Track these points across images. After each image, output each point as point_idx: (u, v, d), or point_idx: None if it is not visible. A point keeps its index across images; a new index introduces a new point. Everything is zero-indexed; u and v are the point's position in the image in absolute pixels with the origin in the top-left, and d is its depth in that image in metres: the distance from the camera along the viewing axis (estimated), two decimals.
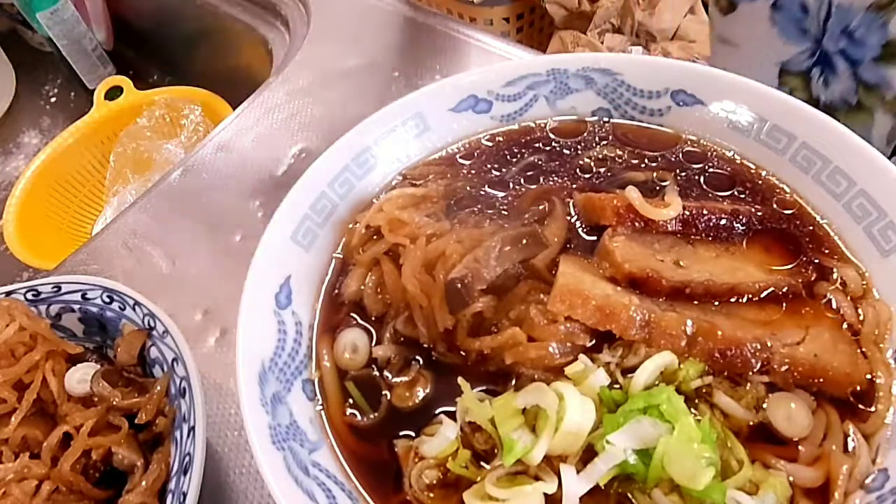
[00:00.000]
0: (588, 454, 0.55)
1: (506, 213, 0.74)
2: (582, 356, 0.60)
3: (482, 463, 0.58)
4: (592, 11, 1.74)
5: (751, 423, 0.57)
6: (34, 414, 0.70)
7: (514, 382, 0.62)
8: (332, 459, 0.61)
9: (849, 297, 0.64)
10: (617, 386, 0.58)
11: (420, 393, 0.64)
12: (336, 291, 0.72)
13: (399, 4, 1.30)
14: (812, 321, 0.62)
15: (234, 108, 1.24)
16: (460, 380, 0.60)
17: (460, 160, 0.81)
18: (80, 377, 0.71)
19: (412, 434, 0.61)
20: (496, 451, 0.57)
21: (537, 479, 0.55)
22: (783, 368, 0.59)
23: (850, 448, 0.56)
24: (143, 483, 0.65)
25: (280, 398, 0.62)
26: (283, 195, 1.03)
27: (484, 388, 0.62)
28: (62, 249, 1.18)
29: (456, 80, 0.81)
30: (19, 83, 1.76)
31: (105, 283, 0.77)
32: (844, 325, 0.62)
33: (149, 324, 0.74)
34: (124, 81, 1.51)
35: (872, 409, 0.58)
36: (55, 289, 0.77)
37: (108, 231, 1.04)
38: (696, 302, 0.64)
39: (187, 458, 0.64)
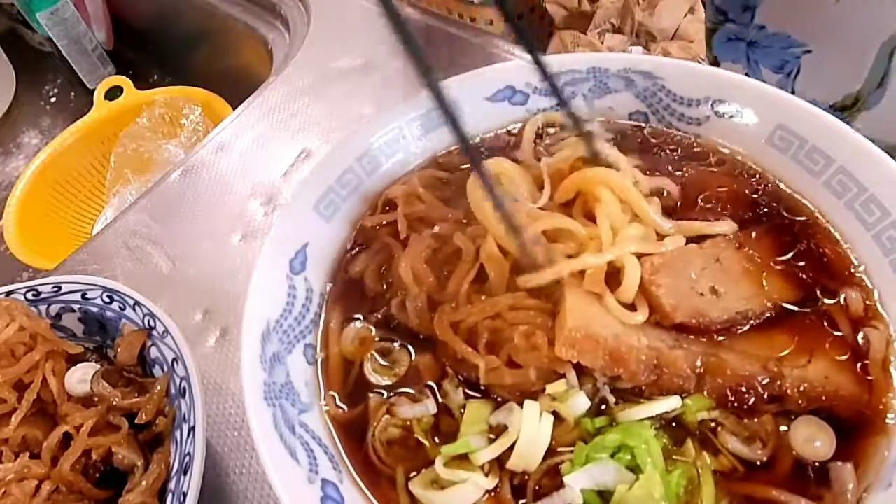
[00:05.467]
0: (554, 471, 0.56)
1: None
2: (570, 374, 0.59)
3: (439, 440, 0.60)
4: (592, 11, 1.74)
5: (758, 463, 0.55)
6: (34, 414, 0.70)
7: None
8: (320, 422, 0.62)
9: (851, 319, 0.61)
10: (604, 406, 0.58)
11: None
12: (349, 258, 0.73)
13: (399, 4, 1.30)
14: (815, 344, 0.60)
15: (234, 108, 1.24)
16: (449, 369, 0.62)
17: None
18: (80, 377, 0.71)
19: (384, 392, 0.63)
20: (457, 437, 0.59)
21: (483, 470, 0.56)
22: (798, 390, 0.57)
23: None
24: (143, 483, 0.65)
25: (280, 358, 0.63)
26: (283, 195, 1.04)
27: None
28: (62, 249, 1.17)
29: (495, 70, 0.80)
30: (19, 83, 1.76)
31: (105, 283, 0.77)
32: (848, 347, 0.60)
33: (149, 324, 0.74)
34: (124, 81, 1.51)
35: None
36: (55, 289, 0.77)
37: (108, 231, 1.04)
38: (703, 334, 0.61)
39: (187, 458, 0.64)
